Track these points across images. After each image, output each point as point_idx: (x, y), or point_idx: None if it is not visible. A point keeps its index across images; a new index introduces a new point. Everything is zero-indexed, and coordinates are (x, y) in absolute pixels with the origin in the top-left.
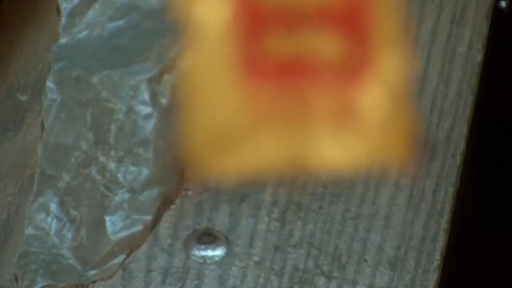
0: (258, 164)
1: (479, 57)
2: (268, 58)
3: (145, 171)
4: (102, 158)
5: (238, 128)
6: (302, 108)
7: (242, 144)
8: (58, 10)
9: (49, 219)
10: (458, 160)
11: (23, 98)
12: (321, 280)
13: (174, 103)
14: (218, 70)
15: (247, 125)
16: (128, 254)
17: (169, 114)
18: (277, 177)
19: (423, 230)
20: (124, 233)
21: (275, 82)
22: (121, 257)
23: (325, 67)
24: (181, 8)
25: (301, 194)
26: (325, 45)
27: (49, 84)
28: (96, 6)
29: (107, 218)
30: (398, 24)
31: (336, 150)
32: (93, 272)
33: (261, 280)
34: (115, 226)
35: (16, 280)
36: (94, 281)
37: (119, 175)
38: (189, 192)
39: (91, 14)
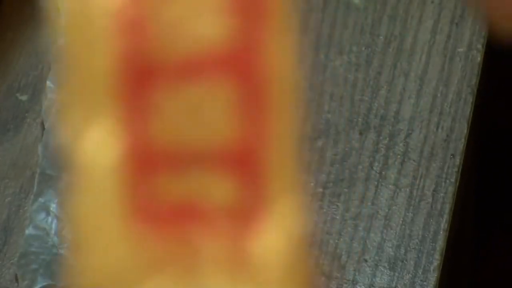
0: None
1: (479, 57)
2: (158, 202)
3: None
4: None
5: (125, 276)
6: (191, 257)
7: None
8: (58, 10)
9: (49, 219)
10: (458, 160)
11: (23, 98)
12: (321, 280)
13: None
14: (105, 214)
15: (134, 273)
16: None
17: None
18: None
19: (423, 230)
20: None
21: (164, 228)
22: None
23: (217, 212)
24: (67, 147)
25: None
26: (218, 188)
27: (50, 84)
28: None
29: None
30: (295, 169)
31: None
32: None
33: None
34: None
35: (17, 280)
36: None
37: None
38: None
39: None
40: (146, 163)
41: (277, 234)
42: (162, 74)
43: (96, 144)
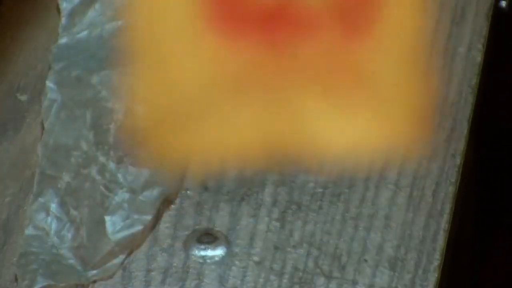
0: (229, 148)
1: (479, 57)
2: (242, 3)
3: (145, 171)
4: (102, 158)
5: (203, 99)
6: (287, 74)
7: (207, 119)
8: (58, 10)
9: (49, 219)
10: (458, 160)
11: (23, 98)
12: (321, 280)
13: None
14: (177, 18)
15: (212, 93)
16: (128, 254)
17: None
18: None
19: (423, 230)
20: (124, 233)
21: (249, 33)
22: (121, 257)
23: (315, 14)
24: None
25: (301, 194)
26: None
27: (49, 84)
28: (96, 6)
29: (107, 218)
30: None
31: (331, 128)
32: (93, 272)
33: (261, 280)
34: (115, 226)
35: (16, 280)
36: (94, 281)
37: (119, 175)
38: (189, 192)
39: (91, 14)
40: None
41: (389, 47)
42: None
43: None
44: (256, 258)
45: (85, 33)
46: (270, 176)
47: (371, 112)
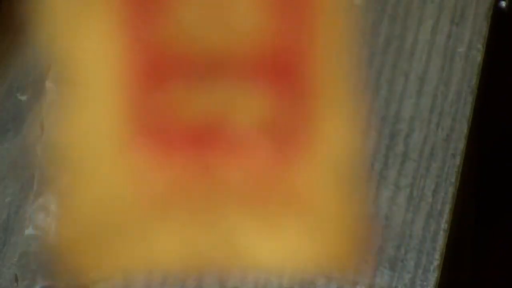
0: (149, 260)
1: (479, 57)
2: (171, 121)
3: None
4: None
5: (126, 213)
6: (215, 191)
7: (128, 235)
8: None
9: (49, 219)
10: (458, 160)
11: (23, 98)
12: (321, 280)
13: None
14: (102, 132)
15: (137, 210)
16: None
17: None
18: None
19: (423, 230)
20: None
21: (179, 153)
22: None
23: (248, 134)
24: (60, 44)
25: None
26: (248, 103)
27: (49, 84)
28: None
29: None
30: (347, 77)
31: (260, 248)
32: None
33: (261, 280)
34: None
35: (16, 280)
36: (94, 282)
37: None
38: None
39: None
40: (156, 72)
41: (322, 162)
42: None
43: (92, 51)
44: None
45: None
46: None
47: (299, 230)
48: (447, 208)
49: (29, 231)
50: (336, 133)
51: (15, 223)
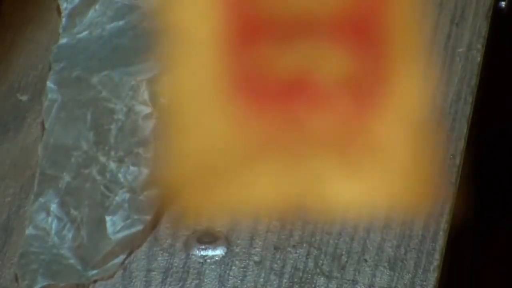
0: (251, 202)
1: (478, 58)
2: (263, 76)
3: (145, 171)
4: (102, 158)
5: (227, 160)
6: (303, 139)
7: (232, 179)
8: (58, 10)
9: (49, 219)
10: (458, 160)
11: (24, 98)
12: (321, 280)
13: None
14: (205, 89)
15: (237, 156)
16: (129, 254)
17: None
18: (273, 217)
19: (422, 230)
20: (125, 233)
21: (271, 105)
22: (121, 257)
23: (331, 88)
24: (164, 15)
25: None
26: (330, 60)
27: (50, 84)
28: (97, 6)
29: (107, 218)
30: (417, 36)
31: (344, 189)
32: (94, 272)
33: (261, 280)
34: (115, 226)
35: (17, 280)
36: (95, 281)
37: (120, 175)
38: None
39: (91, 15)
40: (249, 32)
41: (398, 114)
42: None
43: (192, 8)
44: (256, 258)
45: (85, 33)
46: None
47: (377, 174)
48: (447, 208)
49: (29, 231)
50: (410, 88)
51: (15, 223)
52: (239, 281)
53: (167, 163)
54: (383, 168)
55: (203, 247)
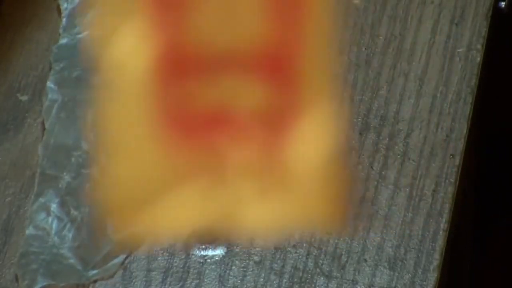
0: (175, 225)
1: (478, 58)
2: (188, 107)
3: None
4: None
5: (152, 184)
6: (222, 166)
7: (159, 202)
8: (58, 11)
9: (49, 219)
10: (458, 160)
11: (24, 98)
12: (321, 280)
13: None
14: (135, 120)
15: (162, 181)
16: (129, 254)
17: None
18: (196, 236)
19: (422, 230)
20: (125, 233)
21: (194, 136)
22: (121, 257)
23: (248, 119)
24: (97, 48)
25: None
26: (250, 93)
27: (50, 84)
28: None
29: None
30: (330, 74)
31: (259, 211)
32: (94, 272)
33: (261, 279)
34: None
35: (17, 279)
36: (95, 281)
37: None
38: None
39: (91, 15)
40: (177, 66)
41: (311, 143)
42: None
43: (128, 45)
44: (256, 258)
45: (85, 33)
46: None
47: (288, 198)
48: (447, 208)
49: (29, 231)
50: (320, 121)
51: (15, 223)
52: (239, 281)
53: (101, 187)
54: (294, 193)
55: (203, 247)
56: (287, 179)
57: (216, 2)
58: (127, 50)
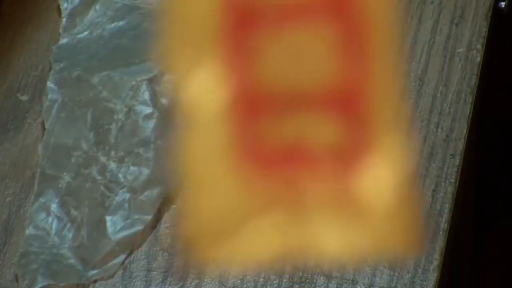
0: (255, 255)
1: (478, 58)
2: (264, 143)
3: (145, 171)
4: (102, 158)
5: (234, 216)
6: (299, 197)
7: (238, 234)
8: (58, 10)
9: (49, 219)
10: (458, 160)
11: (24, 98)
12: (321, 280)
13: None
14: (215, 155)
15: (242, 213)
16: (129, 254)
17: (170, 114)
18: (276, 269)
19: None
20: (125, 233)
21: (270, 169)
22: (121, 257)
23: (321, 154)
24: (176, 90)
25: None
26: (322, 129)
27: (50, 84)
28: (97, 6)
29: (107, 218)
30: (398, 107)
31: (336, 241)
32: (94, 272)
33: (261, 280)
34: (115, 226)
35: (17, 279)
36: (95, 281)
37: (120, 175)
38: None
39: (91, 15)
40: (252, 105)
41: (382, 174)
42: (264, 17)
43: (203, 86)
44: None
45: (85, 33)
46: None
47: (363, 229)
48: (447, 208)
49: (29, 231)
50: (390, 154)
51: (15, 223)
52: (239, 281)
53: (184, 219)
54: (368, 223)
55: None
56: (361, 209)
57: (285, 44)
58: (204, 90)
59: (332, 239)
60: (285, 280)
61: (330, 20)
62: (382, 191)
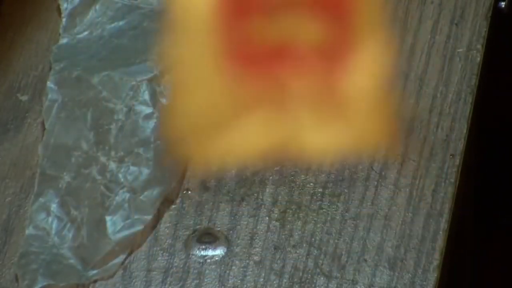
0: (241, 151)
1: (478, 58)
2: (251, 45)
3: (145, 171)
4: (102, 158)
5: (220, 114)
6: (284, 95)
7: (224, 131)
8: (58, 10)
9: (49, 219)
10: (458, 160)
11: (24, 98)
12: (321, 280)
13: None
14: (200, 56)
15: (228, 111)
16: (129, 254)
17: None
18: (261, 164)
19: (422, 230)
20: (125, 233)
21: (257, 68)
22: (121, 257)
23: (307, 52)
24: None
25: (301, 194)
26: (308, 30)
27: (50, 84)
28: (97, 6)
29: (107, 218)
30: (381, 8)
31: (319, 136)
32: (94, 272)
33: (261, 280)
34: (115, 226)
35: (17, 280)
36: (95, 281)
37: (120, 175)
38: (189, 192)
39: (91, 15)
40: (239, 6)
41: (364, 72)
42: None
43: None
44: (256, 258)
45: (85, 33)
46: (270, 176)
47: (345, 124)
48: (447, 208)
49: (29, 231)
50: (373, 53)
51: (15, 223)
52: (239, 281)
53: (170, 119)
54: (350, 117)
55: (203, 247)
56: (343, 105)
57: None
58: None
59: (314, 134)
60: (285, 280)
61: None
62: (364, 88)
